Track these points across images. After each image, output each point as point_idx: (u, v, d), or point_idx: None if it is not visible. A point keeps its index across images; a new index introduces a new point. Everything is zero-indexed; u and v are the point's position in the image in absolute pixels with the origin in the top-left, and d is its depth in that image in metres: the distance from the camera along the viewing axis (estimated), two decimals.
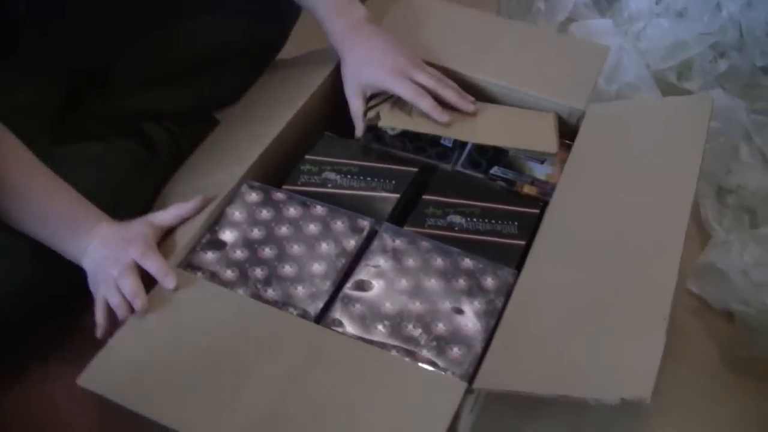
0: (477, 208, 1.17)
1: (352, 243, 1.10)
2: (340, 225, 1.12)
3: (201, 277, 1.05)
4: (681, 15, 1.89)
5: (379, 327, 1.00)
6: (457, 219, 1.16)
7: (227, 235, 1.10)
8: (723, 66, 1.81)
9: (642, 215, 1.11)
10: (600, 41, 1.68)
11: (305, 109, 1.30)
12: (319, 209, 1.14)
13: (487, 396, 1.10)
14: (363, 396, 0.92)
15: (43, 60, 1.26)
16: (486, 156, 1.28)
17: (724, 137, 1.59)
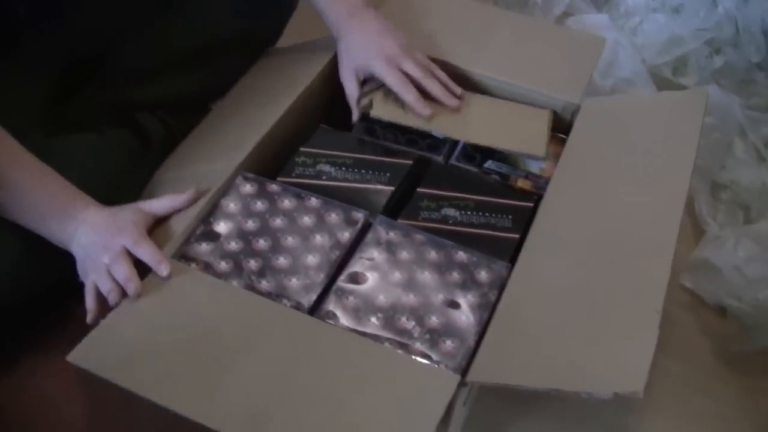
0: (471, 201, 1.17)
1: (347, 235, 1.10)
2: (334, 217, 1.12)
3: (195, 268, 1.05)
4: (677, 11, 1.90)
5: (373, 319, 1.00)
6: (451, 212, 1.16)
7: (221, 227, 1.10)
8: (718, 62, 1.81)
9: (636, 210, 1.11)
10: None
11: (300, 101, 1.30)
12: (314, 201, 1.14)
13: (480, 389, 1.10)
14: (355, 388, 0.91)
15: (38, 54, 1.26)
16: (480, 150, 1.28)
17: (718, 133, 1.60)
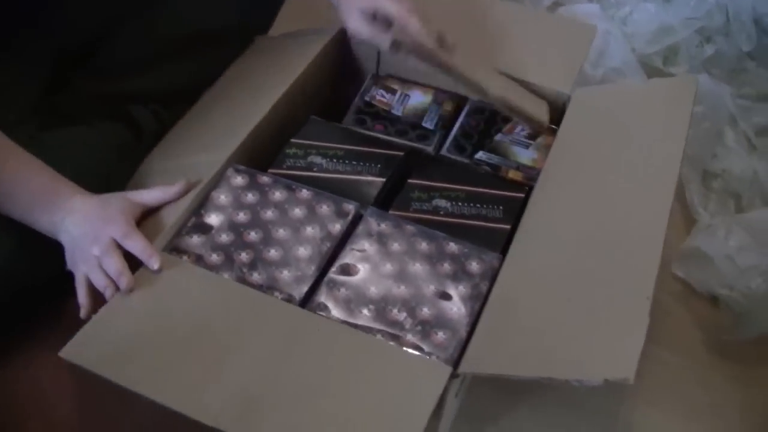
0: (462, 192, 1.17)
1: (338, 227, 1.10)
2: (325, 209, 1.12)
3: (186, 260, 1.05)
4: (667, 0, 1.90)
5: (364, 311, 0.99)
6: (442, 203, 1.16)
7: (213, 219, 1.10)
8: (709, 51, 1.82)
9: (626, 199, 1.11)
10: None
11: (291, 92, 1.29)
12: (305, 193, 1.14)
13: (472, 380, 1.10)
14: (347, 380, 0.92)
15: (29, 46, 1.25)
16: (471, 141, 1.28)
17: (709, 122, 1.60)
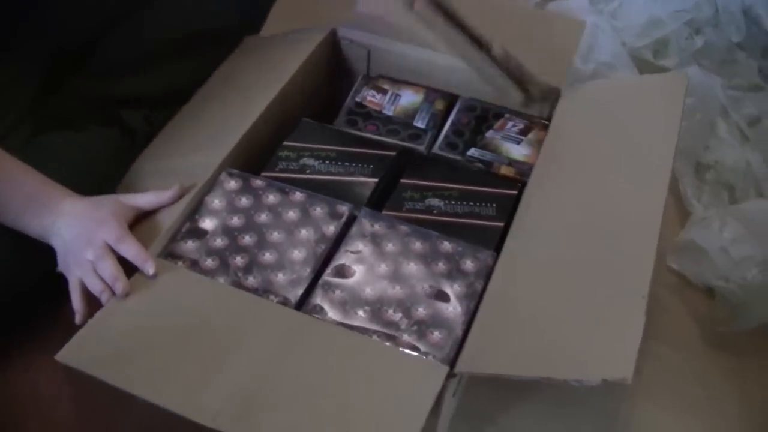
0: (455, 190, 1.17)
1: (332, 229, 1.10)
2: (319, 211, 1.12)
3: (182, 266, 1.04)
4: None
5: (360, 312, 1.00)
6: (435, 202, 1.16)
7: (207, 224, 1.10)
8: (699, 42, 1.81)
9: (619, 194, 1.11)
10: None
11: (284, 93, 1.29)
12: (298, 196, 1.14)
13: (470, 379, 1.10)
14: (344, 382, 0.92)
15: (22, 47, 1.25)
16: (463, 138, 1.28)
17: (700, 114, 1.60)
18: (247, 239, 1.08)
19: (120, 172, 1.25)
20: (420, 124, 1.30)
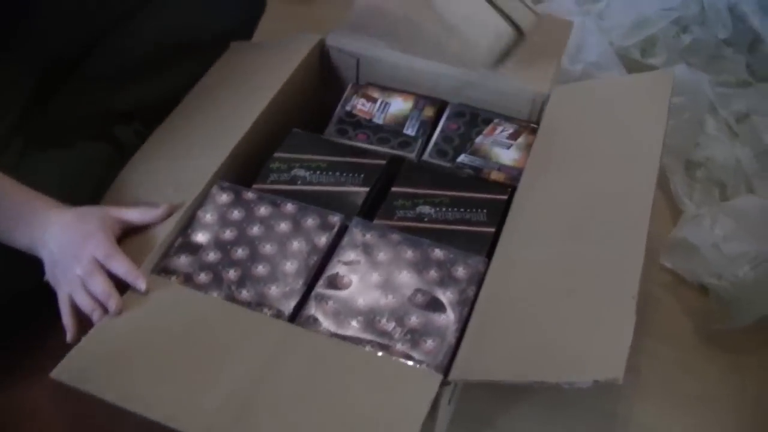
0: (446, 197, 1.18)
1: (323, 240, 1.10)
2: (310, 222, 1.12)
3: (175, 281, 1.05)
4: None
5: (353, 322, 1.00)
6: (426, 209, 1.16)
7: (200, 238, 1.10)
8: (686, 40, 1.82)
9: (608, 195, 1.12)
10: None
11: (274, 103, 1.29)
12: (290, 207, 1.14)
13: (466, 383, 1.10)
14: (339, 392, 0.92)
15: (9, 60, 1.25)
16: (453, 144, 1.29)
17: (689, 111, 1.61)
18: (239, 252, 1.09)
19: (110, 184, 1.25)
20: (410, 131, 1.30)
